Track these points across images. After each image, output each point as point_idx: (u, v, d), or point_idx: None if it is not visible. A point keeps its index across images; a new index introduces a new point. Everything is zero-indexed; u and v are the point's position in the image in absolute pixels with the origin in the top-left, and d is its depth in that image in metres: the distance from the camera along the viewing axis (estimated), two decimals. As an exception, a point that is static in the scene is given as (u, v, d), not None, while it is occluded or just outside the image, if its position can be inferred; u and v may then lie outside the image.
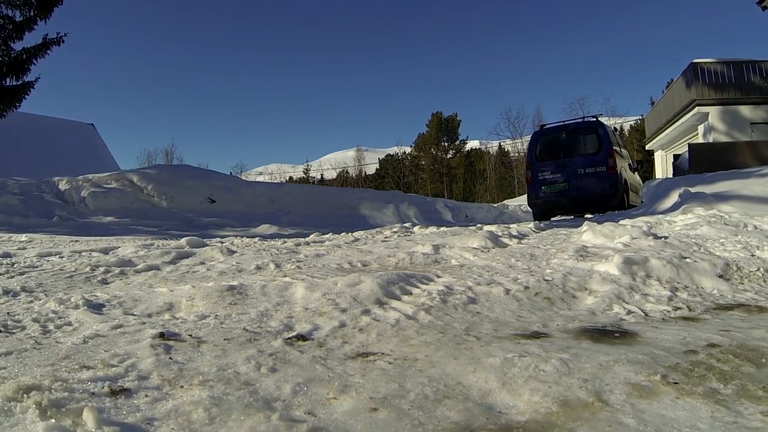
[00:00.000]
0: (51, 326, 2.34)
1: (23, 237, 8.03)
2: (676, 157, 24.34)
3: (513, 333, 2.41)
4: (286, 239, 6.91)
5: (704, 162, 18.02)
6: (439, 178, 73.29)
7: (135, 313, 2.54)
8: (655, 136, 32.86)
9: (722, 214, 7.70)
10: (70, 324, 2.36)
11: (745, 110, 24.14)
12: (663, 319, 2.84)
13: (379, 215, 21.16)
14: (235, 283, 2.99)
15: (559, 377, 1.91)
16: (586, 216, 19.30)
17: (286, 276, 3.34)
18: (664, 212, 10.61)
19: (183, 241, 5.78)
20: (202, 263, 3.94)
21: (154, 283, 3.27)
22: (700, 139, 25.85)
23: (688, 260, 3.87)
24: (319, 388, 1.76)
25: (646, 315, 2.93)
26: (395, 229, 7.75)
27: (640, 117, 52.50)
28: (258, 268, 3.74)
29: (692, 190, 10.73)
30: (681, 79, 26.31)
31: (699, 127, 26.11)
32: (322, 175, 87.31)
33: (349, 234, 6.96)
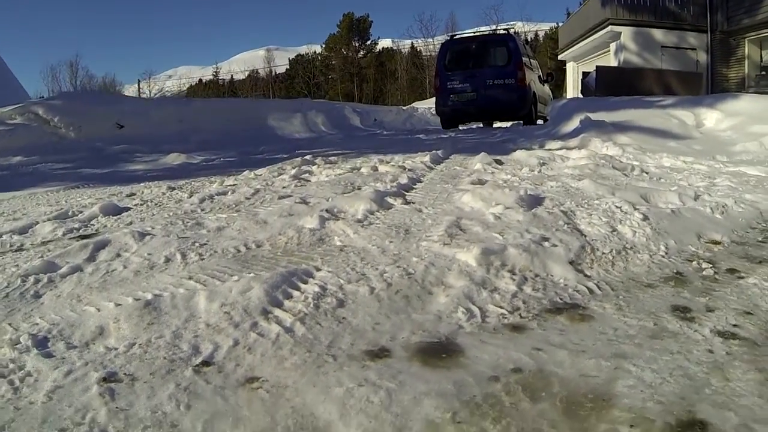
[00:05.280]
0: (17, 382, 2.49)
1: None
2: (585, 74, 25.59)
3: (364, 350, 2.71)
4: (192, 192, 7.35)
5: (610, 84, 19.03)
6: (350, 78, 72.83)
7: (75, 343, 2.86)
8: (568, 48, 33.82)
9: (612, 154, 8.54)
10: (30, 375, 2.55)
11: (658, 33, 25.38)
12: (494, 328, 2.89)
13: (288, 125, 21.64)
14: (149, 296, 3.37)
15: (380, 411, 2.14)
16: (494, 126, 20.36)
17: (190, 278, 3.70)
18: (564, 137, 11.60)
19: (96, 209, 6.23)
20: (118, 256, 4.23)
21: (81, 294, 3.57)
22: (611, 57, 26.96)
23: (546, 244, 3.98)
24: (220, 423, 2.21)
25: (485, 319, 2.99)
26: (293, 172, 8.43)
27: (556, 25, 52.99)
28: (167, 260, 4.11)
29: (593, 117, 11.54)
30: (596, -5, 27.06)
31: (611, 44, 27.25)
32: (231, 77, 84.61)
33: (250, 186, 7.36)
